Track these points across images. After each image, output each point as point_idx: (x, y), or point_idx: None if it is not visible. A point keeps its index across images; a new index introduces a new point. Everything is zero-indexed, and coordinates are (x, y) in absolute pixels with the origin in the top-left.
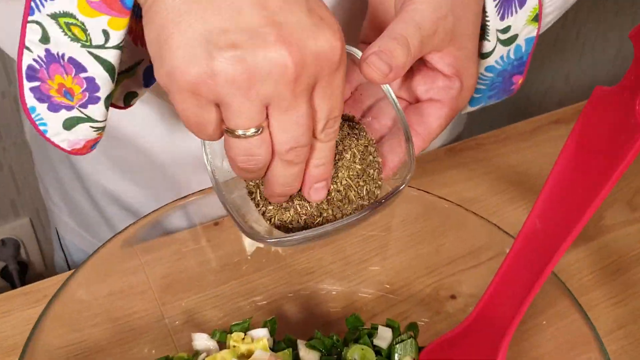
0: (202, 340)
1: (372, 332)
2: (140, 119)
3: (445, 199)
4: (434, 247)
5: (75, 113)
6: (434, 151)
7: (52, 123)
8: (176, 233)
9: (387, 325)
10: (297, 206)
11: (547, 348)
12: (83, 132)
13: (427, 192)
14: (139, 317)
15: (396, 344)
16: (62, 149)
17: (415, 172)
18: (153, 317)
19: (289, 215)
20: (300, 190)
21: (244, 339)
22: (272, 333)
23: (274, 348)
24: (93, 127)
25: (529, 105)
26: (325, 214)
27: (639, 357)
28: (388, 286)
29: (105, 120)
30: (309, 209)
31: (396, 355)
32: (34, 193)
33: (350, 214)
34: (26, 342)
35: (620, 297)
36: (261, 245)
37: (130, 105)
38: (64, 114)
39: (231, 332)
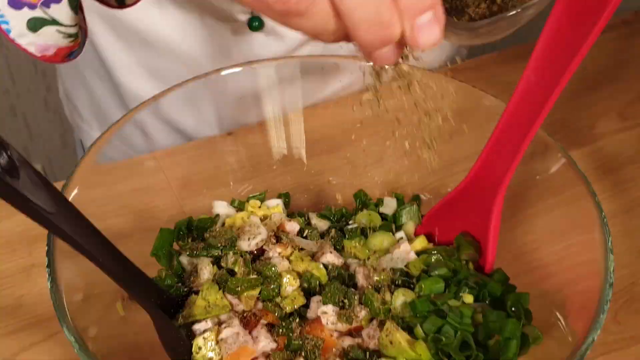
0: (221, 207)
1: (378, 203)
2: (179, 25)
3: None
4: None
5: (38, 13)
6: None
7: (15, 22)
8: (191, 142)
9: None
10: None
11: (541, 233)
12: (52, 37)
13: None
14: (160, 210)
15: (401, 210)
16: (31, 54)
17: None
18: (173, 210)
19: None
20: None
21: (260, 207)
22: (286, 205)
23: None
24: (61, 32)
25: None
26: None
27: (629, 242)
28: (393, 183)
29: (75, 25)
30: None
31: (402, 219)
32: (46, 140)
33: None
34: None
35: (610, 193)
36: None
37: (127, 5)
38: (27, 13)
39: (248, 201)
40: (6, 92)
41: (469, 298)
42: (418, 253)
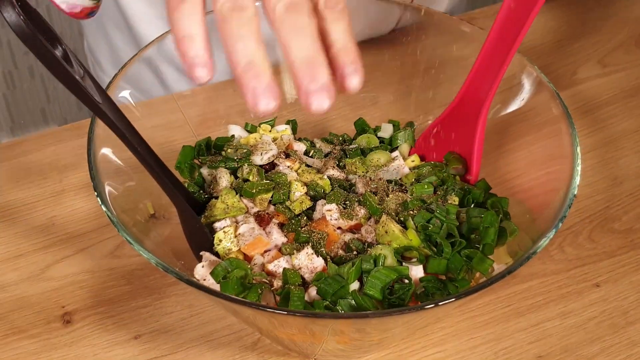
0: (236, 130)
1: (376, 129)
2: None
3: None
4: (428, 96)
5: None
6: None
7: None
8: (206, 85)
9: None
10: None
11: (522, 163)
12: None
13: None
14: (179, 143)
15: (396, 133)
16: (62, 10)
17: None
18: (192, 143)
19: None
20: None
21: (270, 130)
22: (293, 130)
23: None
24: None
25: None
26: None
27: (606, 172)
28: (389, 116)
29: None
30: None
31: (397, 141)
32: (63, 102)
33: None
34: (88, 155)
35: (589, 130)
36: None
37: None
38: None
39: (260, 126)
40: (26, 53)
41: (454, 199)
42: (411, 169)
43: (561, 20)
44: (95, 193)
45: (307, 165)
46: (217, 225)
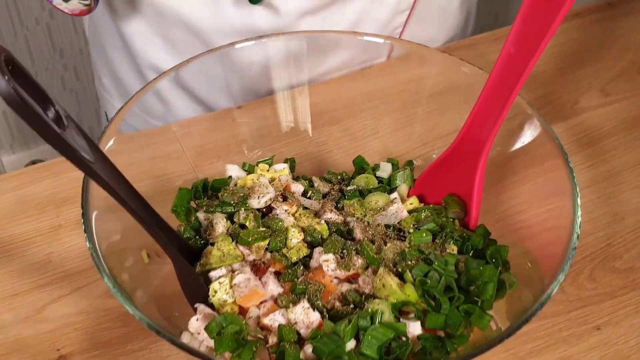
0: (233, 170)
1: (375, 168)
2: None
3: None
4: (428, 126)
5: None
6: None
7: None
8: (204, 114)
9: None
10: None
11: (524, 198)
12: (75, 6)
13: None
14: (177, 176)
15: (395, 174)
16: (64, 12)
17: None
18: (189, 175)
19: None
20: None
21: (268, 170)
22: (291, 169)
23: None
24: (82, 3)
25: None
26: None
27: (606, 207)
28: (388, 152)
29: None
30: None
31: (396, 181)
32: (73, 115)
33: None
34: (82, 191)
35: (590, 163)
36: None
37: None
38: None
39: (257, 165)
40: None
41: (453, 248)
42: (410, 212)
43: (564, 46)
44: (87, 242)
45: (305, 208)
46: (212, 274)
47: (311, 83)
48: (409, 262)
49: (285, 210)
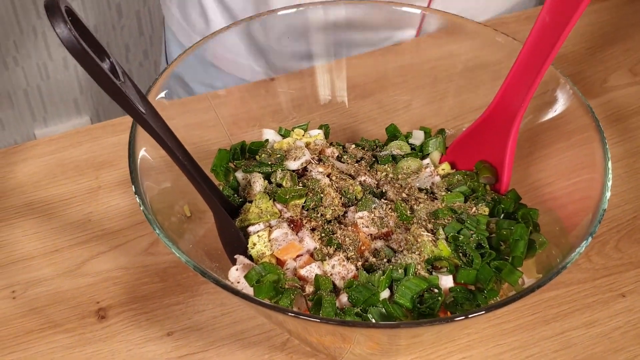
0: (270, 134)
1: (407, 135)
2: None
3: None
4: (459, 101)
5: None
6: None
7: None
8: (239, 85)
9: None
10: None
11: (553, 171)
12: None
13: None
14: (212, 143)
15: (427, 141)
16: None
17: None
18: (224, 143)
19: None
20: None
21: (303, 135)
22: (326, 136)
23: None
24: None
25: None
26: None
27: (634, 182)
28: (421, 122)
29: None
30: None
31: (428, 148)
32: (96, 93)
33: None
34: (129, 155)
35: (617, 139)
36: None
37: None
38: None
39: (293, 130)
40: (60, 44)
41: (485, 210)
42: (442, 177)
43: (594, 27)
44: (136, 196)
45: (340, 172)
46: (251, 229)
47: (345, 56)
48: (442, 221)
49: (321, 172)
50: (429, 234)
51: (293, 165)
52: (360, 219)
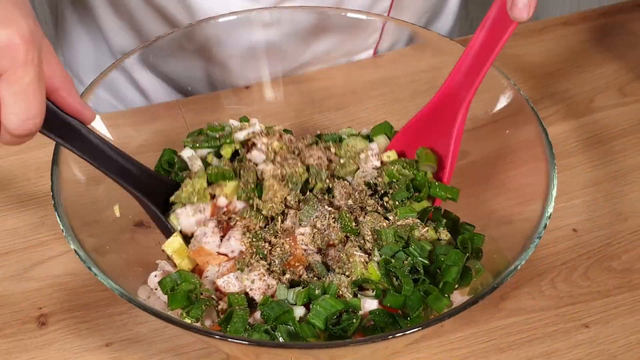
0: (231, 122)
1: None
2: None
3: None
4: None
5: None
6: None
7: None
8: (207, 93)
9: None
10: None
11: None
12: None
13: None
14: None
15: (375, 127)
16: None
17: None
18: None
19: None
20: None
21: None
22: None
23: None
24: None
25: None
26: None
27: (610, 207)
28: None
29: None
30: None
31: (376, 134)
32: None
33: None
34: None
35: (598, 162)
36: None
37: None
38: None
39: None
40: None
41: (446, 234)
42: (383, 163)
43: (585, 44)
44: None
45: (286, 146)
46: (178, 211)
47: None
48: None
49: (265, 143)
50: (362, 254)
51: (240, 135)
52: (300, 235)
